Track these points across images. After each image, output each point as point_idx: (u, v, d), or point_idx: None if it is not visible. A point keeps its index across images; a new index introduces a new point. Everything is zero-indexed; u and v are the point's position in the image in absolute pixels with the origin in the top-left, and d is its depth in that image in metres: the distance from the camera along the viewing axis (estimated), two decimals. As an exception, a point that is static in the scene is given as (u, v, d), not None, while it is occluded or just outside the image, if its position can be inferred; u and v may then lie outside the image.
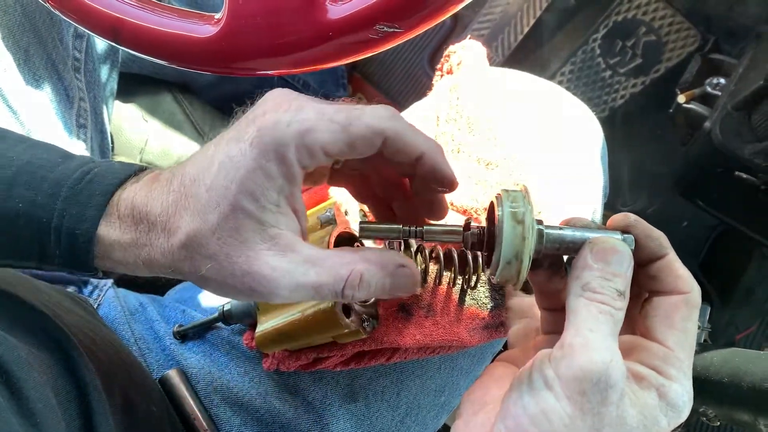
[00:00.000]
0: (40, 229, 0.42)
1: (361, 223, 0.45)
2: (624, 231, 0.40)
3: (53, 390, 0.44)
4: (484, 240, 0.43)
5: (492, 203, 0.42)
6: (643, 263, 0.40)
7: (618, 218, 0.41)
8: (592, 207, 0.67)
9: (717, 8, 1.31)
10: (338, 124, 0.39)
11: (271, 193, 0.39)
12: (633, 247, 0.39)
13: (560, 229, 0.41)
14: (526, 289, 0.47)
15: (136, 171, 0.44)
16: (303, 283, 0.39)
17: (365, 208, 0.59)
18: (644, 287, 0.40)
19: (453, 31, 1.48)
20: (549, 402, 0.34)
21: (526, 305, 0.47)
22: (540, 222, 0.41)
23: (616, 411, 0.34)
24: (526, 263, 0.39)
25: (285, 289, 0.39)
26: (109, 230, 0.42)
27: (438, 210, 0.48)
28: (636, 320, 0.40)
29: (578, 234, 0.40)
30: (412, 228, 0.44)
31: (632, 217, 0.40)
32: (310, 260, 0.40)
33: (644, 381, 0.36)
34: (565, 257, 0.43)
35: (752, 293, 1.30)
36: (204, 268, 0.40)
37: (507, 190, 0.41)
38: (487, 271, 0.57)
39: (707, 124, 1.08)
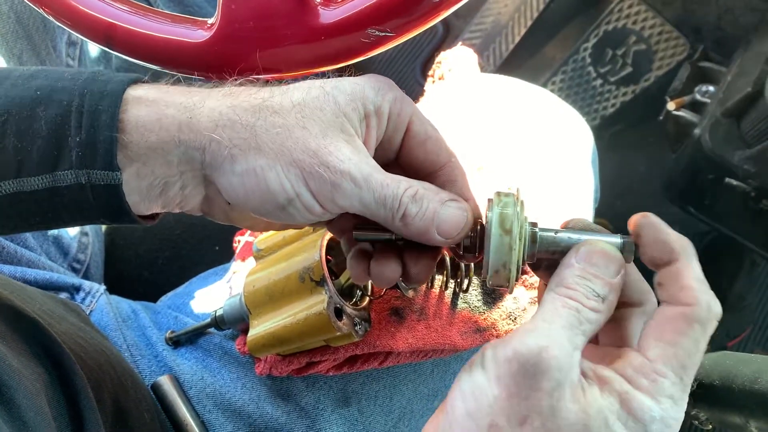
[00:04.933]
0: (59, 119, 0.38)
1: (356, 226, 0.45)
2: (635, 234, 0.39)
3: (46, 398, 0.43)
4: (476, 244, 0.43)
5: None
6: (655, 268, 0.38)
7: (634, 218, 0.39)
8: (582, 211, 0.68)
9: (706, 18, 1.33)
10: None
11: (361, 109, 0.41)
12: (632, 252, 0.38)
13: (555, 232, 0.40)
14: None
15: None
16: (373, 176, 0.39)
17: None
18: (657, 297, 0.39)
19: (444, 40, 1.49)
20: (479, 381, 0.34)
21: None
22: (534, 225, 0.41)
23: (547, 400, 0.33)
24: (514, 272, 0.39)
25: (357, 173, 0.39)
26: (145, 90, 0.39)
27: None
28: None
29: (574, 237, 0.40)
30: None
31: (651, 217, 0.38)
32: (377, 166, 0.40)
33: (607, 385, 0.34)
34: None
35: (743, 299, 1.31)
36: (271, 133, 0.38)
37: (499, 194, 0.41)
38: (479, 275, 0.58)
39: (697, 131, 1.09)
